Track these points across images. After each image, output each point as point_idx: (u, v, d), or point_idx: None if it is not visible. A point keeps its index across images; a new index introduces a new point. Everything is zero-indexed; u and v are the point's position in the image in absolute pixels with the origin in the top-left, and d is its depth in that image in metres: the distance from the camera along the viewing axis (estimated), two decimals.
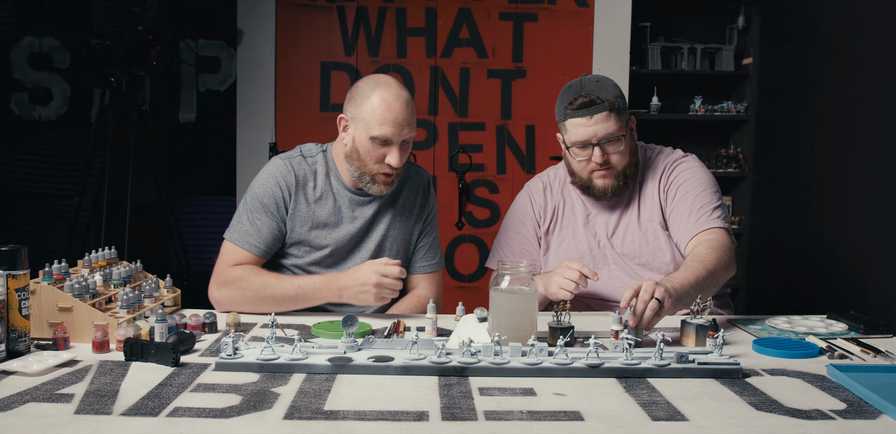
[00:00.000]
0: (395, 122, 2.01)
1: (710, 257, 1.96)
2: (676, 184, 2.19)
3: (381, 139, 2.02)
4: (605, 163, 2.12)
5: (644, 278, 2.16)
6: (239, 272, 2.03)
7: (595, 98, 2.07)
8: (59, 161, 4.57)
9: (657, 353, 1.51)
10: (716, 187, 2.20)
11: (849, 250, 3.36)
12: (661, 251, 2.18)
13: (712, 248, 2.01)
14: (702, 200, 2.14)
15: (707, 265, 1.93)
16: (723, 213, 2.14)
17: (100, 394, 1.34)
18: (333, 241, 2.15)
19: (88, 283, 1.72)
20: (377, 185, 2.10)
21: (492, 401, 1.33)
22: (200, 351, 1.64)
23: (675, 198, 2.18)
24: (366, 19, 4.15)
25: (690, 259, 1.98)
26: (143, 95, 4.41)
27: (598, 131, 2.08)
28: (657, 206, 2.20)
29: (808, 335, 1.82)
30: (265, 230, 2.10)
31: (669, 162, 2.24)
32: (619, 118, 2.09)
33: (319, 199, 2.15)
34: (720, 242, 2.04)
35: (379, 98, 2.01)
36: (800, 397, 1.38)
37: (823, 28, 3.65)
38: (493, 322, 1.70)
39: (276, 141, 4.11)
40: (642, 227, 2.21)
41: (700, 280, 1.87)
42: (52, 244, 4.45)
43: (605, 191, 2.16)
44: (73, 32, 4.50)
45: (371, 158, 2.06)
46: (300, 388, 1.39)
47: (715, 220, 2.10)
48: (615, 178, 2.15)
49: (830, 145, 3.55)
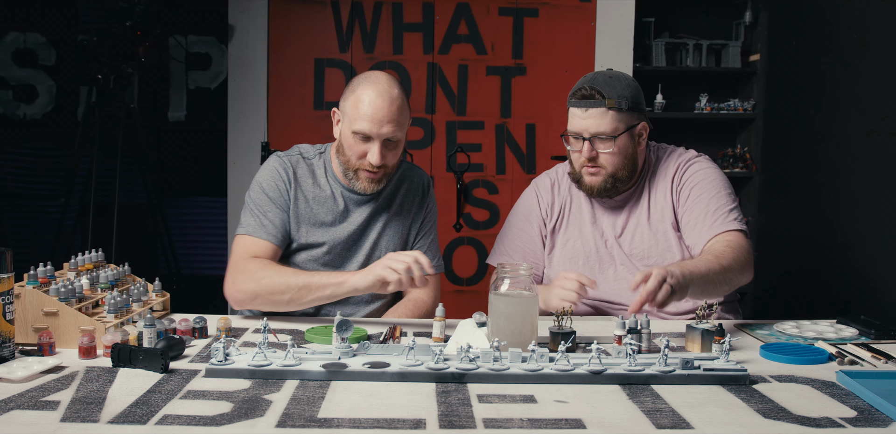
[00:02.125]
0: (374, 118, 2.02)
1: (727, 255, 1.98)
2: (690, 185, 2.19)
3: (361, 134, 2.04)
4: (592, 159, 2.13)
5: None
6: (256, 263, 2.02)
7: (596, 93, 2.09)
8: (44, 161, 4.56)
9: (661, 359, 1.51)
10: (730, 189, 2.21)
11: (860, 253, 3.36)
12: (670, 252, 2.18)
13: (730, 247, 2.02)
14: (717, 202, 2.14)
15: (722, 261, 1.94)
16: (739, 215, 2.15)
17: (86, 401, 1.34)
18: (331, 239, 2.17)
19: (75, 287, 1.72)
20: (361, 182, 2.12)
21: (491, 408, 1.33)
22: (190, 357, 1.64)
23: (689, 199, 2.18)
24: (361, 14, 4.15)
25: (706, 253, 2.00)
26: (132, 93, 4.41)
27: (590, 126, 2.10)
28: (669, 206, 2.21)
29: (817, 340, 1.82)
30: (277, 221, 2.12)
31: (682, 162, 2.24)
32: (618, 118, 2.10)
33: (317, 198, 2.17)
34: (738, 243, 2.05)
35: (363, 92, 2.04)
36: (809, 405, 1.38)
37: (834, 23, 3.66)
38: (492, 327, 1.70)
39: (268, 140, 4.11)
40: (652, 227, 2.21)
41: (712, 273, 1.88)
42: (37, 246, 4.45)
43: (591, 189, 2.18)
44: (58, 28, 4.50)
45: (353, 153, 2.08)
46: (293, 396, 1.39)
47: (732, 223, 2.11)
48: (604, 178, 2.16)
49: (841, 144, 3.55)
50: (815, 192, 3.80)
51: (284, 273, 1.99)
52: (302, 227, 2.16)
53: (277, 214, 2.13)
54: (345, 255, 2.21)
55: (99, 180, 3.92)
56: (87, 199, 3.98)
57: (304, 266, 2.17)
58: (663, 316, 2.16)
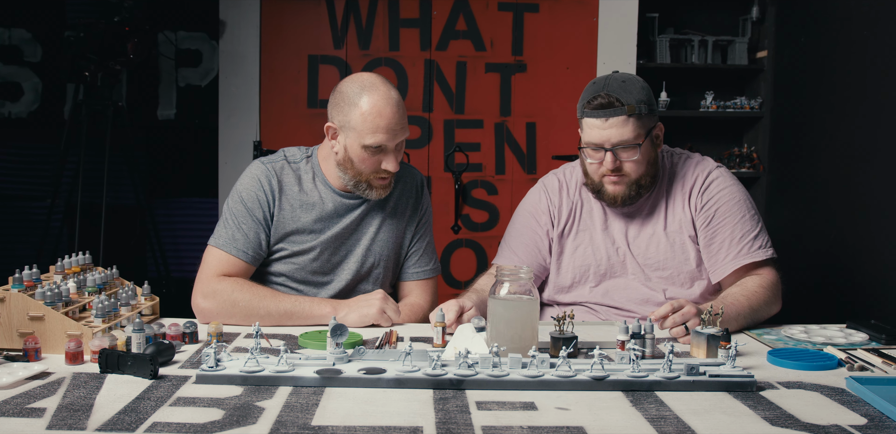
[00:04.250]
0: (389, 129, 2.02)
1: (758, 296, 2.03)
2: (714, 206, 2.17)
3: (376, 147, 2.03)
4: (616, 169, 2.09)
5: (661, 290, 2.18)
6: (228, 284, 2.03)
7: (614, 100, 2.04)
8: (29, 160, 4.56)
9: (666, 365, 1.51)
10: (754, 208, 2.21)
11: (870, 256, 3.36)
12: (687, 264, 2.17)
13: (762, 286, 2.06)
14: (742, 228, 2.14)
15: (753, 303, 2.01)
16: (765, 240, 2.16)
17: (73, 408, 1.34)
18: (319, 244, 2.16)
19: (61, 291, 1.72)
20: (376, 190, 2.13)
21: (490, 416, 1.34)
22: (180, 362, 1.64)
23: (713, 222, 2.16)
24: (356, 10, 4.15)
25: (738, 291, 2.03)
26: (120, 91, 4.41)
27: (612, 136, 2.05)
28: (688, 218, 2.19)
29: (826, 346, 1.83)
30: (252, 235, 2.11)
31: (701, 172, 2.21)
32: (639, 124, 2.06)
33: (305, 205, 2.16)
34: (770, 281, 2.10)
35: (368, 104, 2.01)
36: (818, 412, 1.38)
37: (844, 18, 3.66)
38: (491, 332, 1.70)
39: (260, 139, 4.11)
40: (669, 238, 2.19)
41: (741, 317, 1.97)
42: (23, 249, 4.45)
43: (615, 198, 2.14)
44: (44, 23, 4.50)
45: (366, 166, 2.07)
46: (286, 402, 1.39)
47: (758, 252, 2.13)
48: (627, 186, 2.12)
49: (850, 144, 3.55)
50: (824, 192, 3.80)
51: (263, 296, 2.01)
52: (289, 236, 2.15)
53: (252, 228, 2.12)
54: (334, 261, 2.20)
55: (86, 181, 3.92)
56: (73, 200, 3.98)
57: (291, 275, 2.18)
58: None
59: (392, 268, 2.28)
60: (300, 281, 2.18)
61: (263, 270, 2.19)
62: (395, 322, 2.03)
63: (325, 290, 2.20)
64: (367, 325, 2.00)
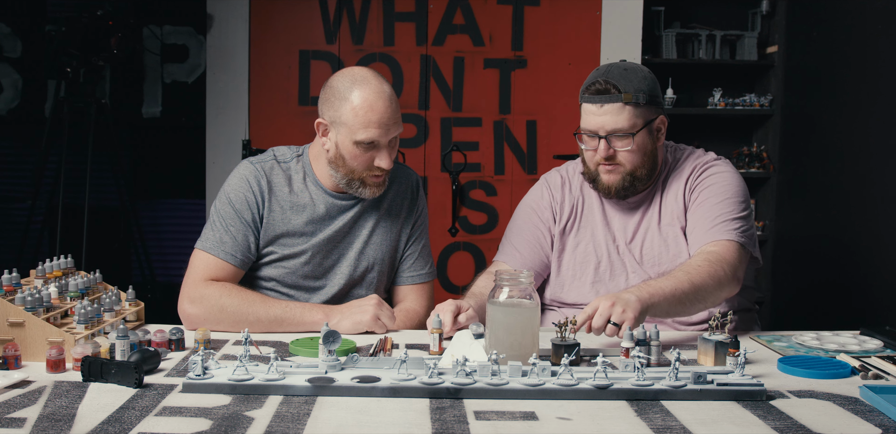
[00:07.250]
0: (381, 123, 2.02)
1: (702, 270, 1.95)
2: (701, 187, 2.19)
3: (368, 142, 2.03)
4: (610, 158, 2.12)
5: None
6: (216, 288, 2.04)
7: (612, 87, 2.07)
8: (9, 160, 4.56)
9: (672, 373, 1.51)
10: (744, 197, 2.19)
11: (885, 259, 3.37)
12: (680, 257, 2.18)
13: (708, 261, 1.99)
14: (722, 208, 2.13)
15: (694, 279, 1.92)
16: (742, 226, 2.11)
17: (55, 418, 1.33)
18: (310, 247, 2.17)
19: (42, 296, 1.72)
20: (369, 189, 2.12)
21: (489, 426, 1.34)
22: (166, 370, 1.64)
23: (696, 202, 2.18)
24: (349, 3, 4.15)
25: (678, 269, 1.98)
26: (103, 87, 4.42)
27: (607, 123, 2.09)
28: (681, 208, 2.20)
29: (839, 353, 1.83)
30: (241, 238, 2.11)
31: (699, 163, 2.23)
32: (636, 114, 2.08)
33: (296, 206, 2.16)
34: (721, 256, 2.02)
35: (359, 98, 2.02)
36: (830, 422, 1.39)
37: (857, 12, 3.67)
38: (490, 338, 1.70)
39: (249, 138, 4.12)
40: (662, 232, 2.21)
41: (679, 292, 1.87)
42: (2, 252, 4.44)
43: (608, 188, 2.17)
44: (24, 17, 4.49)
45: (359, 163, 2.07)
46: (276, 412, 1.39)
47: (727, 232, 2.08)
48: (622, 177, 2.14)
49: (865, 143, 3.56)
50: (836, 193, 3.81)
51: (252, 302, 2.02)
52: (279, 239, 2.16)
53: (240, 230, 2.12)
54: (326, 265, 2.21)
55: (68, 181, 3.92)
56: (55, 202, 3.98)
57: (281, 280, 2.18)
58: (675, 326, 2.16)
59: (387, 272, 2.28)
60: (291, 286, 2.19)
61: (253, 275, 2.19)
62: (389, 328, 2.03)
63: (317, 295, 2.20)
64: (361, 331, 2.00)
